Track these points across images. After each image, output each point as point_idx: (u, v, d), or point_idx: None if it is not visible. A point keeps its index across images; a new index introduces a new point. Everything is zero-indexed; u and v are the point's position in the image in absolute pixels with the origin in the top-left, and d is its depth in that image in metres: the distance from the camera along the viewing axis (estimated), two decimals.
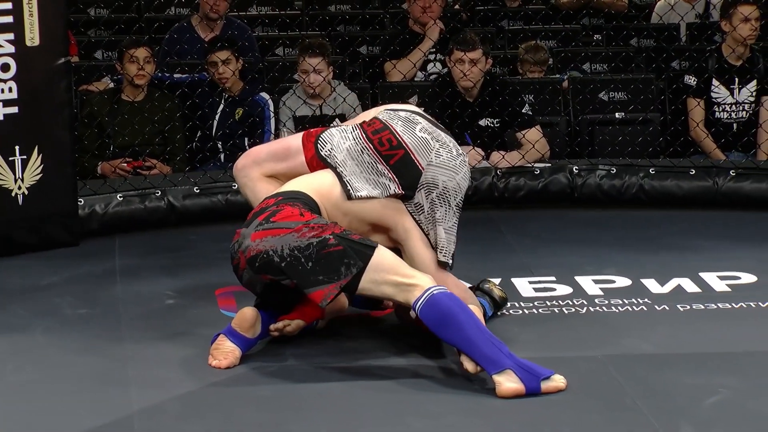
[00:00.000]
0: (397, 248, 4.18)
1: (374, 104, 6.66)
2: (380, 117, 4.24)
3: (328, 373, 3.87)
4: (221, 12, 7.26)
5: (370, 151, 4.14)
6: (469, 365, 3.71)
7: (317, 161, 4.19)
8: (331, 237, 3.79)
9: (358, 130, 4.20)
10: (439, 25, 7.18)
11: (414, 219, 4.15)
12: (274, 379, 3.82)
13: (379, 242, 4.11)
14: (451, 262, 4.19)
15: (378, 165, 4.13)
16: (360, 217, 4.10)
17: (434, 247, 4.16)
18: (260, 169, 4.33)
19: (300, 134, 4.33)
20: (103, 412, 3.57)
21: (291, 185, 4.09)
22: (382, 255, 3.81)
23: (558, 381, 3.66)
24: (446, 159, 4.17)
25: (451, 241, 4.19)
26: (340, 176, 4.11)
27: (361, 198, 4.09)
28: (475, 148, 6.31)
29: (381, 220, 4.13)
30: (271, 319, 4.04)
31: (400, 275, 3.77)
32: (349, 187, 4.09)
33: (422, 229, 4.16)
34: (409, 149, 4.15)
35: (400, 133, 4.16)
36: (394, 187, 4.13)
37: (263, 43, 7.87)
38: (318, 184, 4.08)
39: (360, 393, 3.70)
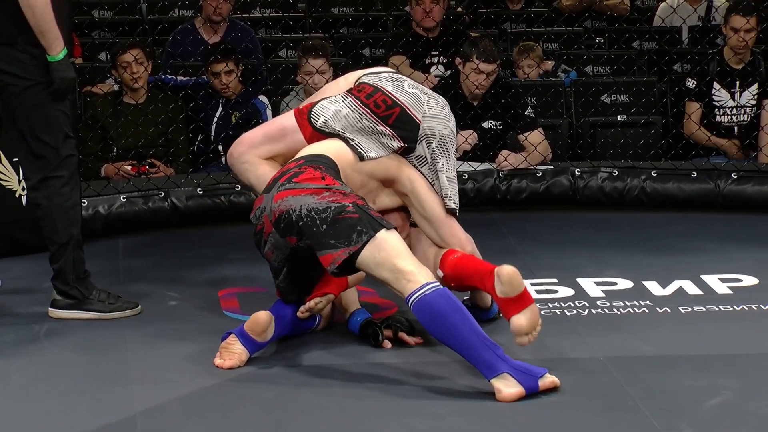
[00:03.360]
0: (405, 207, 4.25)
1: None
2: (367, 81, 4.30)
3: (330, 373, 3.88)
4: (224, 14, 7.28)
5: (368, 116, 4.20)
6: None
7: (317, 136, 4.21)
8: (350, 205, 3.79)
9: (350, 98, 4.25)
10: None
11: (418, 170, 4.23)
12: (276, 380, 3.83)
13: (387, 199, 4.21)
14: (458, 211, 4.27)
15: (378, 126, 4.19)
16: (370, 175, 4.16)
17: (440, 197, 4.24)
18: (257, 152, 4.29)
19: (290, 113, 4.31)
20: (105, 411, 3.57)
21: (309, 150, 4.11)
22: (391, 237, 3.77)
23: (552, 377, 3.65)
24: (437, 109, 4.29)
25: (453, 189, 4.27)
26: (346, 141, 4.16)
27: (371, 158, 4.16)
28: (465, 137, 6.32)
29: (387, 174, 4.20)
30: (286, 318, 4.05)
31: (401, 262, 3.71)
32: (359, 149, 4.16)
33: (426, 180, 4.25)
34: (405, 105, 4.23)
35: (391, 91, 4.24)
36: (396, 143, 4.21)
37: (266, 45, 7.89)
38: (333, 148, 4.11)
39: (362, 394, 3.70)
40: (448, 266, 4.19)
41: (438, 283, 3.70)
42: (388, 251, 3.73)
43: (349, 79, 4.42)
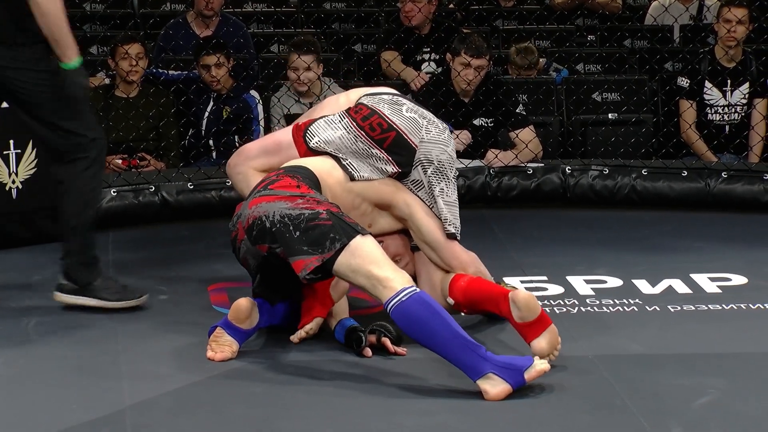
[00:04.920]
0: (405, 230, 4.24)
1: None
2: (365, 102, 4.28)
3: (319, 370, 3.87)
4: (216, 8, 7.27)
5: (363, 138, 4.18)
6: None
7: (311, 155, 4.22)
8: (323, 212, 3.77)
9: (347, 119, 4.23)
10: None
11: (414, 195, 4.22)
12: (266, 376, 3.83)
13: (385, 222, 4.18)
14: (458, 235, 4.24)
15: (373, 150, 4.18)
16: (362, 196, 4.15)
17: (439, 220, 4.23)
18: (252, 164, 4.35)
19: (289, 128, 4.34)
20: (94, 406, 3.57)
21: (293, 162, 4.11)
22: (366, 242, 3.74)
23: (538, 364, 3.62)
24: (435, 134, 4.26)
25: (453, 213, 4.25)
26: (338, 160, 4.16)
27: (363, 179, 4.14)
28: (459, 136, 6.32)
29: (381, 198, 4.18)
30: (270, 309, 4.05)
31: (377, 268, 3.68)
32: (350, 169, 4.15)
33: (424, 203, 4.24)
34: (401, 130, 4.20)
35: (388, 115, 4.22)
36: (391, 168, 4.20)
37: (258, 40, 7.88)
38: (320, 164, 4.10)
39: (351, 391, 3.70)
40: (457, 292, 4.18)
41: (415, 288, 3.65)
42: (363, 257, 3.71)
43: (351, 97, 4.40)
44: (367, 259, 3.71)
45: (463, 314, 4.28)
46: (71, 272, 4.41)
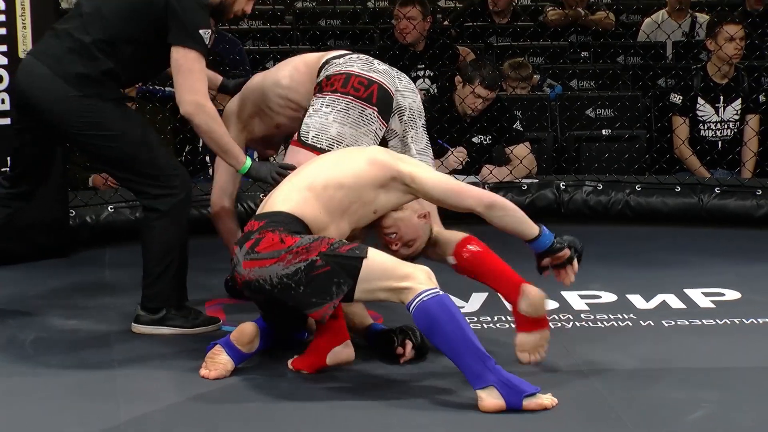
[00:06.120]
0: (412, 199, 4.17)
1: None
2: (333, 71, 4.28)
3: (314, 385, 3.88)
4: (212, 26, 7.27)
5: (353, 102, 4.20)
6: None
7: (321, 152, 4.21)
8: (318, 258, 3.74)
9: (327, 96, 4.23)
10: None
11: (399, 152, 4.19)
12: (261, 393, 3.84)
13: (388, 201, 4.01)
14: None
15: (366, 110, 4.21)
16: (358, 185, 3.98)
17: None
18: None
19: (295, 150, 4.28)
20: (90, 423, 3.57)
21: (272, 201, 3.97)
22: (371, 264, 3.73)
23: (543, 399, 3.64)
24: (406, 83, 4.35)
25: (426, 160, 4.29)
26: (329, 150, 4.16)
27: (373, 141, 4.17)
28: (454, 153, 6.34)
29: (378, 178, 3.99)
30: (272, 331, 4.08)
31: (393, 279, 3.70)
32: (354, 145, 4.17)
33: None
34: (380, 81, 4.25)
35: (364, 72, 4.26)
36: (383, 128, 4.24)
37: (254, 58, 7.90)
38: (299, 188, 3.96)
39: (346, 406, 3.71)
40: (461, 255, 4.16)
41: (437, 290, 3.67)
42: (375, 278, 3.72)
43: (307, 60, 4.42)
44: (382, 277, 3.73)
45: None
46: (147, 302, 4.42)
